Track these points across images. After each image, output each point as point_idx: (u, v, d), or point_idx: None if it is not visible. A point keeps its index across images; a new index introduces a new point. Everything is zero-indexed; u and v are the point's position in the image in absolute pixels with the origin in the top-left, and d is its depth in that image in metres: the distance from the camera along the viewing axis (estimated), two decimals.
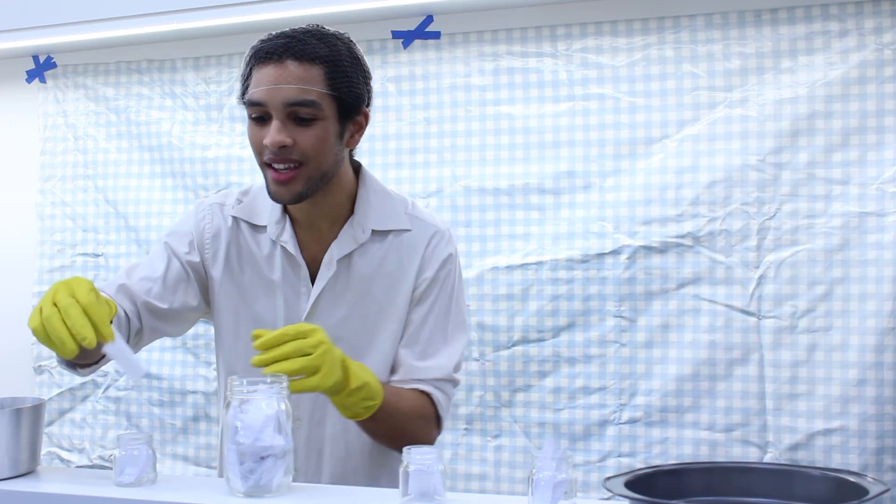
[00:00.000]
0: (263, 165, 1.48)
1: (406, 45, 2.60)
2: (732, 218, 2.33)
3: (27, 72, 3.00)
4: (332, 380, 1.33)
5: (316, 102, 1.43)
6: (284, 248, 1.56)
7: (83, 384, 2.88)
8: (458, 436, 2.54)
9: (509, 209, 2.50)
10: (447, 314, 1.58)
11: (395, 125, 2.61)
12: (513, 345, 2.49)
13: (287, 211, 1.57)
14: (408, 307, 1.57)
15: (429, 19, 2.58)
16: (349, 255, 1.55)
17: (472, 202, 2.53)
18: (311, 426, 1.57)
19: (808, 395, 2.26)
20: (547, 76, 2.48)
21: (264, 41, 1.46)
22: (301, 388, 1.31)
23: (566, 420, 2.44)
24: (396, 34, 2.61)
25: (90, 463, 2.89)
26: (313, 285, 1.55)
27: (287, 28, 1.48)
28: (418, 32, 2.58)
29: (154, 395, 2.81)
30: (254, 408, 1.20)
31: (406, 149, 2.60)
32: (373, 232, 1.55)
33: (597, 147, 2.43)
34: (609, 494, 1.11)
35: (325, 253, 1.55)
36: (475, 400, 2.52)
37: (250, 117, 1.47)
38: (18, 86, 3.02)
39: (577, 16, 2.46)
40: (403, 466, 1.18)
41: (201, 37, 2.76)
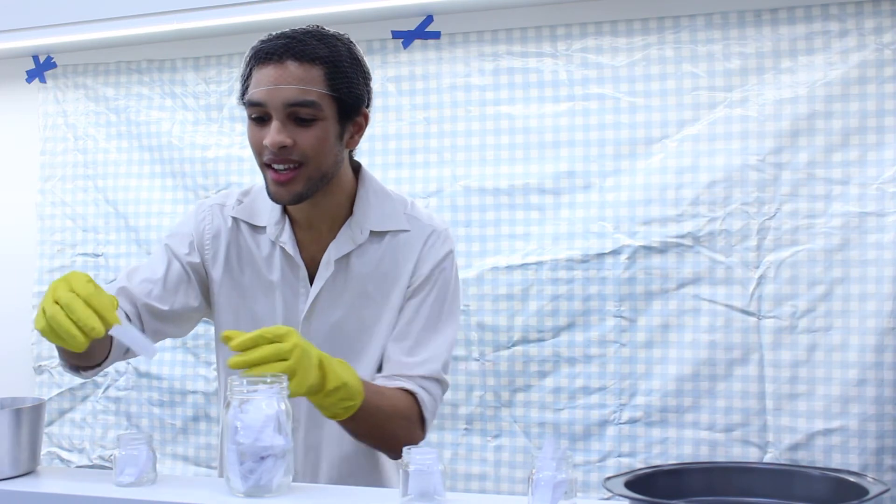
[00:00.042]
0: (263, 166, 1.47)
1: (406, 45, 2.60)
2: (732, 218, 2.33)
3: (27, 72, 3.00)
4: (308, 383, 1.30)
5: (316, 103, 1.43)
6: (283, 249, 1.56)
7: (83, 384, 2.88)
8: (458, 436, 2.54)
9: (509, 209, 2.50)
10: (439, 312, 1.56)
11: (395, 125, 2.61)
12: (513, 345, 2.49)
13: (287, 211, 1.57)
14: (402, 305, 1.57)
15: (429, 19, 2.58)
16: (347, 256, 1.55)
17: (472, 202, 2.53)
18: (309, 428, 1.57)
19: (808, 395, 2.26)
20: (547, 76, 2.48)
21: (264, 42, 1.46)
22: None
23: (566, 420, 2.44)
24: (396, 34, 2.61)
25: (90, 463, 2.89)
26: (312, 286, 1.55)
27: (287, 28, 1.48)
28: (418, 32, 2.58)
29: (154, 395, 2.81)
30: (254, 408, 1.20)
31: (406, 149, 2.60)
32: (371, 232, 1.55)
33: (597, 147, 2.43)
34: (609, 494, 1.11)
35: (324, 253, 1.55)
36: (475, 400, 2.52)
37: (250, 118, 1.47)
38: (18, 86, 3.02)
39: (577, 16, 2.46)
40: (403, 466, 1.18)
41: (201, 37, 2.76)
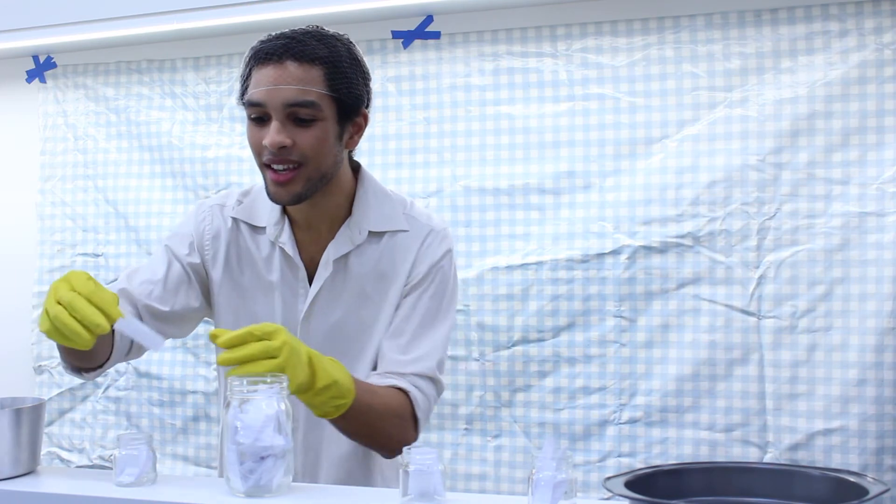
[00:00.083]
0: (263, 166, 1.47)
1: (406, 45, 2.60)
2: (732, 218, 2.33)
3: (27, 72, 3.00)
4: (297, 381, 1.29)
5: (315, 103, 1.43)
6: (283, 250, 1.56)
7: (83, 384, 2.88)
8: (458, 436, 2.54)
9: (509, 209, 2.50)
10: (436, 311, 1.55)
11: (395, 125, 2.61)
12: (513, 345, 2.49)
13: (286, 212, 1.57)
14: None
15: (429, 19, 2.58)
16: (346, 256, 1.55)
17: (472, 202, 2.53)
18: (308, 428, 1.56)
19: (808, 395, 2.26)
20: (547, 76, 2.48)
21: (264, 42, 1.46)
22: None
23: (566, 420, 2.44)
24: (396, 34, 2.61)
25: (90, 463, 2.89)
26: (311, 286, 1.55)
27: (287, 28, 1.48)
28: (418, 32, 2.58)
29: (154, 395, 2.81)
30: (254, 408, 1.20)
31: (406, 149, 2.60)
32: (370, 233, 1.55)
33: (597, 147, 2.43)
34: (609, 494, 1.11)
35: (323, 254, 1.55)
36: (475, 400, 2.52)
37: (249, 118, 1.47)
38: (18, 86, 3.02)
39: (577, 16, 2.46)
40: (403, 466, 1.18)
41: (201, 37, 2.76)
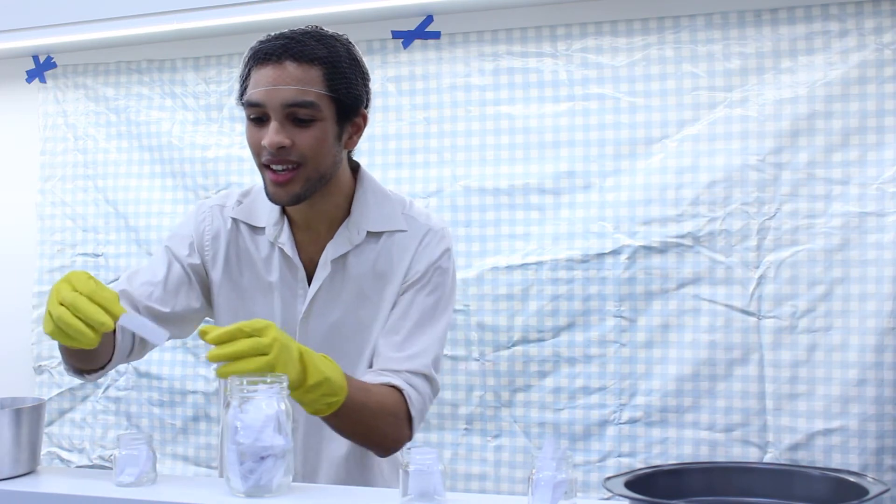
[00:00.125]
0: (262, 167, 1.47)
1: (406, 45, 2.60)
2: (732, 218, 2.33)
3: (27, 72, 3.00)
4: (287, 378, 1.27)
5: (314, 103, 1.43)
6: (282, 250, 1.56)
7: (83, 384, 2.88)
8: (458, 436, 2.54)
9: (509, 209, 2.50)
10: (433, 310, 1.54)
11: (395, 125, 2.61)
12: (513, 345, 2.49)
13: (285, 212, 1.57)
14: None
15: (429, 19, 2.57)
16: (344, 256, 1.54)
17: (472, 202, 2.53)
18: (308, 428, 1.56)
19: (808, 395, 2.26)
20: (547, 76, 2.48)
21: (263, 42, 1.46)
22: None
23: (566, 420, 2.44)
24: (396, 34, 2.61)
25: (90, 463, 2.89)
26: (310, 286, 1.55)
27: (286, 28, 1.48)
28: (418, 32, 2.58)
29: (154, 395, 2.81)
30: (254, 408, 1.20)
31: (406, 149, 2.60)
32: (368, 233, 1.55)
33: (597, 147, 2.43)
34: (609, 494, 1.11)
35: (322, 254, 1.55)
36: (475, 400, 2.52)
37: (249, 118, 1.47)
38: (18, 86, 3.02)
39: (577, 16, 2.46)
40: (403, 466, 1.18)
41: (201, 37, 2.76)
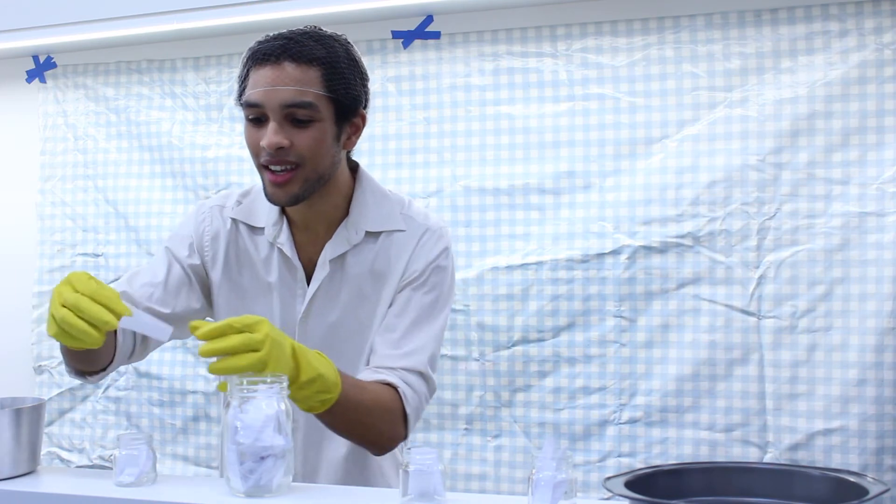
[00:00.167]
0: (260, 167, 1.48)
1: (406, 45, 2.60)
2: (732, 218, 2.33)
3: (27, 72, 3.00)
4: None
5: (313, 104, 1.43)
6: (281, 250, 1.56)
7: (83, 384, 2.88)
8: (458, 436, 2.54)
9: (509, 209, 2.50)
10: (430, 309, 1.54)
11: (395, 125, 2.61)
12: (513, 345, 2.49)
13: (285, 212, 1.57)
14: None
15: (429, 19, 2.57)
16: (342, 256, 1.54)
17: (472, 202, 2.53)
18: (309, 428, 1.56)
19: (808, 395, 2.26)
20: (547, 76, 2.48)
21: (261, 43, 1.46)
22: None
23: (566, 420, 2.44)
24: (396, 34, 2.61)
25: (90, 463, 2.89)
26: (308, 287, 1.55)
27: (286, 29, 1.48)
28: (418, 32, 2.58)
29: (154, 395, 2.81)
30: (254, 408, 1.20)
31: (406, 149, 2.60)
32: (366, 232, 1.55)
33: (597, 147, 2.43)
34: (609, 494, 1.11)
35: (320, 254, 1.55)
36: (475, 400, 2.52)
37: (247, 119, 1.47)
38: (18, 86, 3.02)
39: (577, 16, 2.46)
40: (403, 466, 1.18)
41: (201, 37, 2.76)
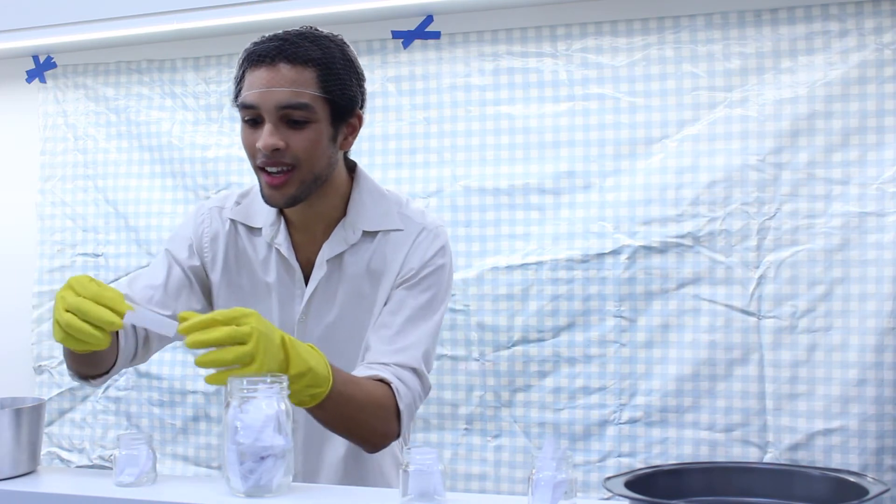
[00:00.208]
0: (257, 169, 1.48)
1: (406, 45, 2.60)
2: (732, 218, 2.33)
3: (27, 72, 3.00)
4: (268, 367, 1.24)
5: (308, 105, 1.43)
6: (279, 251, 1.56)
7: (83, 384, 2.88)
8: (458, 436, 2.54)
9: (509, 209, 2.50)
10: (426, 308, 1.53)
11: (395, 125, 2.61)
12: (513, 345, 2.49)
13: (282, 213, 1.57)
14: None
15: (429, 19, 2.57)
16: (340, 256, 1.55)
17: (472, 202, 2.53)
18: (309, 428, 1.56)
19: (808, 395, 2.26)
20: (547, 76, 2.48)
21: (257, 44, 1.46)
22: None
23: (566, 420, 2.44)
24: (396, 34, 2.61)
25: (90, 463, 2.89)
26: (306, 287, 1.55)
27: (285, 29, 1.48)
28: (418, 32, 2.58)
29: (154, 395, 2.81)
30: (254, 408, 1.20)
31: (406, 149, 2.60)
32: (364, 232, 1.55)
33: (597, 147, 2.43)
34: (609, 494, 1.11)
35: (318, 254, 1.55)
36: (475, 400, 2.52)
37: (243, 120, 1.47)
38: (18, 86, 3.02)
39: (577, 16, 2.46)
40: (403, 466, 1.18)
41: (201, 37, 2.76)
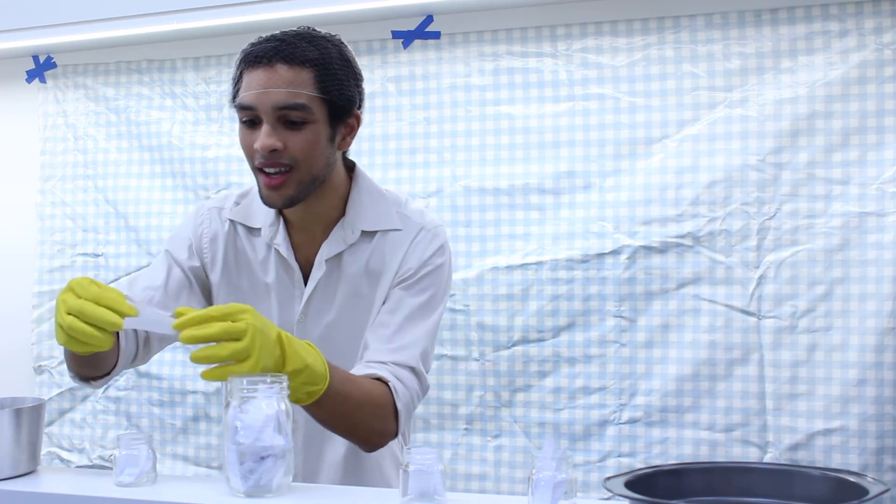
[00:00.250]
0: (255, 170, 1.48)
1: (406, 45, 2.60)
2: (732, 218, 2.33)
3: (27, 72, 3.00)
4: (263, 364, 1.24)
5: (306, 106, 1.43)
6: (278, 251, 1.56)
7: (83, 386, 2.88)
8: (458, 436, 2.54)
9: (509, 209, 2.50)
10: (424, 307, 1.53)
11: (395, 125, 2.61)
12: (513, 345, 2.49)
13: (281, 213, 1.57)
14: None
15: (429, 19, 2.57)
16: (339, 256, 1.55)
17: (472, 202, 2.53)
18: (309, 428, 1.56)
19: (808, 395, 2.26)
20: (547, 76, 2.48)
21: (254, 44, 1.46)
22: (231, 375, 1.22)
23: (566, 420, 2.44)
24: (396, 34, 2.61)
25: (90, 463, 2.89)
26: (306, 287, 1.55)
27: (286, 29, 1.48)
28: (418, 32, 2.58)
29: (154, 395, 2.81)
30: (254, 408, 1.20)
31: (406, 149, 2.60)
32: (362, 232, 1.55)
33: (597, 147, 2.43)
34: (609, 494, 1.11)
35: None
36: (475, 400, 2.52)
37: (241, 121, 1.47)
38: (18, 86, 3.02)
39: (577, 16, 2.46)
40: (403, 466, 1.18)
41: (201, 37, 2.76)
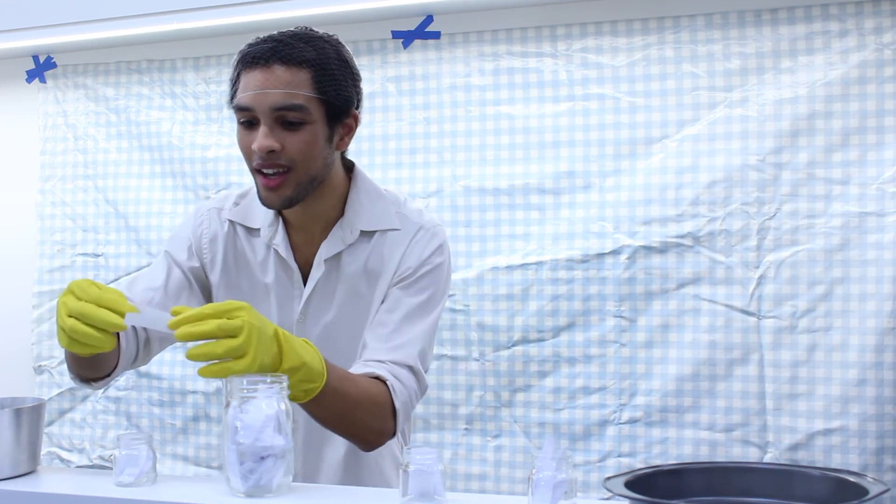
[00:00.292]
0: (253, 171, 1.48)
1: (406, 45, 2.60)
2: (732, 218, 2.33)
3: (27, 72, 3.00)
4: (260, 361, 1.23)
5: (303, 106, 1.42)
6: (277, 252, 1.56)
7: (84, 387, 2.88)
8: (458, 436, 2.54)
9: (509, 209, 2.50)
10: (423, 306, 1.53)
11: (395, 125, 2.61)
12: (513, 345, 2.49)
13: (280, 214, 1.57)
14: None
15: (429, 19, 2.57)
16: (338, 256, 1.55)
17: (472, 202, 2.53)
18: (309, 428, 1.56)
19: (808, 395, 2.26)
20: (547, 76, 2.48)
21: (251, 45, 1.46)
22: (227, 373, 1.22)
23: (566, 420, 2.44)
24: (396, 34, 2.61)
25: (90, 463, 2.89)
26: (305, 287, 1.55)
27: (285, 29, 1.48)
28: (418, 32, 2.58)
29: (154, 395, 2.81)
30: (254, 408, 1.20)
31: (406, 149, 2.60)
32: (361, 231, 1.55)
33: (597, 147, 2.43)
34: (609, 494, 1.11)
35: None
36: (475, 400, 2.52)
37: (239, 122, 1.47)
38: (18, 86, 3.02)
39: (577, 16, 2.46)
40: (403, 466, 1.18)
41: (201, 37, 2.76)
